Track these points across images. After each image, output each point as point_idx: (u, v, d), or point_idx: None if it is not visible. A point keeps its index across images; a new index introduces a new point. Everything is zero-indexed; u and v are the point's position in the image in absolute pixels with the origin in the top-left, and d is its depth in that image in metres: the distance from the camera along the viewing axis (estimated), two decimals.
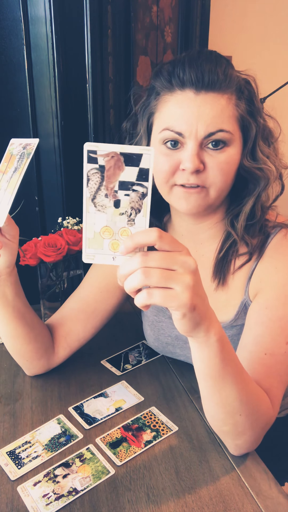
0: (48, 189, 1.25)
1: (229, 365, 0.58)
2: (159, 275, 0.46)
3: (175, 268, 0.47)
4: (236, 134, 0.70)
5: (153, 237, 0.46)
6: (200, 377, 0.61)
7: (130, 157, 0.46)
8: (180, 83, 0.69)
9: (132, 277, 0.46)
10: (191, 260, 0.48)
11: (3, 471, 0.68)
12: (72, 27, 1.11)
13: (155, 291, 0.47)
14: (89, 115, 1.19)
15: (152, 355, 0.97)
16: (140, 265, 0.46)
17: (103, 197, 0.47)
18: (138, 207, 0.47)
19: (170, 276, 0.46)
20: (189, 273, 0.47)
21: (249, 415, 0.62)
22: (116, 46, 1.20)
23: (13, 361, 0.95)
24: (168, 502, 0.62)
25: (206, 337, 0.54)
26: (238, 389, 0.60)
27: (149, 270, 0.46)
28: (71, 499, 0.63)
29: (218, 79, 0.68)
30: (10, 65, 1.13)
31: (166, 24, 1.38)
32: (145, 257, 0.46)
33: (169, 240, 0.47)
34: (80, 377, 0.89)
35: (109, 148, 0.46)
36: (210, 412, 0.65)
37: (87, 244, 0.49)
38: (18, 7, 1.08)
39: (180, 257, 0.47)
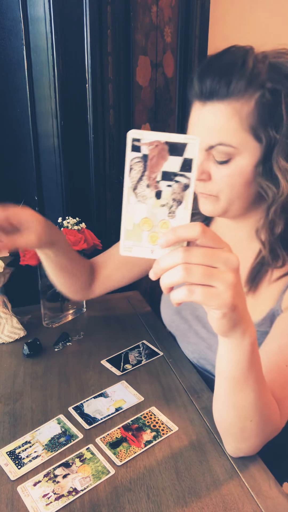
0: (48, 189, 1.25)
1: (254, 371, 0.57)
2: (201, 272, 0.44)
3: (218, 265, 0.45)
4: (246, 146, 0.67)
5: (196, 232, 0.44)
6: (221, 377, 0.60)
7: (175, 146, 0.44)
8: (194, 93, 0.70)
9: (171, 272, 0.45)
10: (233, 257, 0.46)
11: (3, 471, 0.68)
12: (71, 27, 1.11)
13: (197, 289, 0.45)
14: (88, 115, 1.19)
15: (152, 355, 0.97)
16: (181, 260, 0.44)
17: (144, 187, 0.45)
18: (180, 199, 0.45)
19: (213, 273, 0.45)
20: (231, 271, 0.46)
21: (259, 423, 0.61)
22: (115, 46, 1.20)
23: (13, 361, 0.95)
24: (168, 502, 0.62)
25: (241, 339, 0.53)
26: (255, 395, 0.59)
27: (191, 267, 0.44)
28: (71, 499, 0.63)
29: (220, 89, 0.66)
30: (9, 65, 1.13)
31: (166, 24, 1.38)
32: (187, 253, 0.44)
33: (211, 236, 0.45)
34: (80, 377, 0.89)
35: (154, 137, 0.44)
36: (221, 412, 0.64)
37: (125, 236, 0.46)
38: (18, 7, 1.08)
39: (223, 254, 0.46)
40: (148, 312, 1.18)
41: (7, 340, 1.02)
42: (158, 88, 1.43)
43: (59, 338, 1.02)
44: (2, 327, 1.02)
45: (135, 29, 1.25)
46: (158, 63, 1.40)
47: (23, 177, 1.23)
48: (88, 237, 1.06)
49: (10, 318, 1.03)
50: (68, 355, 0.97)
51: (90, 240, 1.06)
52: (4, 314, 1.02)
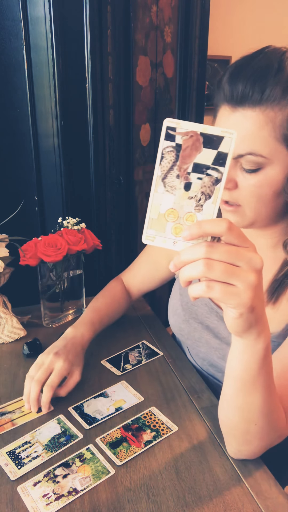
0: (48, 189, 1.26)
1: (264, 375, 0.56)
2: (222, 269, 0.43)
3: (240, 264, 0.44)
4: (278, 156, 0.64)
5: (222, 228, 0.43)
6: (230, 377, 0.59)
7: (210, 138, 0.43)
8: (223, 97, 0.66)
9: (192, 266, 0.44)
10: (257, 258, 0.45)
11: (3, 471, 0.68)
12: (71, 27, 1.11)
13: (216, 285, 0.44)
14: (88, 115, 1.20)
15: (152, 355, 0.97)
16: (204, 255, 0.43)
17: (174, 177, 0.45)
18: (209, 193, 0.44)
19: (234, 272, 0.44)
20: (254, 272, 0.45)
21: (264, 427, 0.61)
22: (115, 46, 1.20)
23: (13, 361, 0.95)
24: (168, 502, 0.62)
25: (255, 341, 0.52)
26: (262, 399, 0.58)
27: (213, 263, 0.43)
28: (71, 499, 0.63)
29: (253, 95, 0.62)
30: (9, 65, 1.13)
31: (166, 24, 1.38)
32: (210, 248, 0.43)
33: (237, 234, 0.44)
34: (80, 377, 0.89)
35: (190, 127, 0.43)
36: (226, 412, 0.64)
37: (148, 225, 0.46)
38: (18, 7, 1.08)
39: (247, 253, 0.45)
40: (148, 312, 1.18)
41: (7, 340, 1.02)
42: (158, 88, 1.43)
43: None
44: (2, 327, 1.02)
45: (135, 29, 1.25)
46: (158, 63, 1.40)
47: (23, 177, 1.24)
48: (88, 237, 1.06)
49: (10, 318, 1.03)
50: None
51: (90, 240, 1.06)
52: (4, 314, 1.02)
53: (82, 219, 1.10)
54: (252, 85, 0.62)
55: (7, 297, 1.06)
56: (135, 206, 1.44)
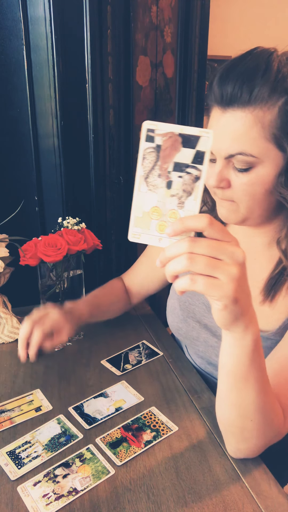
0: (48, 189, 1.25)
1: (256, 369, 0.57)
2: (205, 263, 0.45)
3: (222, 258, 0.46)
4: (268, 155, 0.65)
5: (203, 223, 0.45)
6: (223, 373, 0.60)
7: (188, 138, 0.45)
8: (214, 98, 0.67)
9: (176, 260, 0.46)
10: (239, 251, 0.47)
11: (3, 471, 0.68)
12: (71, 27, 1.11)
13: (199, 278, 0.46)
14: (88, 115, 1.19)
15: (152, 355, 0.97)
16: (187, 249, 0.45)
17: (156, 177, 0.47)
18: (190, 190, 0.46)
19: (216, 265, 0.45)
20: (236, 265, 0.46)
21: (260, 424, 0.61)
22: (115, 46, 1.20)
23: (13, 361, 0.95)
24: (168, 502, 0.62)
25: (243, 334, 0.53)
26: (256, 394, 0.58)
27: (195, 257, 0.45)
28: (71, 499, 0.63)
29: (241, 95, 0.63)
30: (9, 65, 1.13)
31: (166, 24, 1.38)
32: (193, 243, 0.45)
33: (219, 229, 0.46)
34: (80, 377, 0.89)
35: (168, 128, 0.45)
36: (222, 410, 0.64)
37: (134, 223, 0.48)
38: (18, 7, 1.08)
39: (229, 247, 0.46)
40: (148, 312, 1.18)
41: (7, 340, 1.02)
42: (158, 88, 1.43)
43: None
44: (2, 327, 1.02)
45: (135, 29, 1.25)
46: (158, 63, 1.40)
47: (23, 177, 1.23)
48: (88, 237, 1.06)
49: (10, 318, 1.03)
50: (68, 355, 0.97)
51: (90, 240, 1.06)
52: (4, 314, 1.02)
53: (82, 219, 1.10)
54: (241, 86, 0.63)
55: (7, 297, 1.06)
56: None
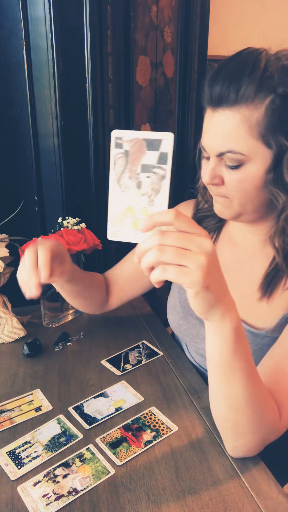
0: (48, 189, 1.26)
1: (241, 359, 0.58)
2: (173, 252, 0.48)
3: (191, 247, 0.49)
4: (257, 152, 0.66)
5: (170, 217, 0.48)
6: (210, 364, 0.61)
7: (152, 142, 0.49)
8: (205, 99, 0.69)
9: (148, 253, 0.49)
10: (207, 241, 0.49)
11: (3, 471, 0.68)
12: (71, 27, 1.11)
13: (169, 267, 0.49)
14: (88, 115, 1.19)
15: (152, 355, 0.97)
16: (157, 242, 0.48)
17: (127, 179, 0.51)
18: (158, 188, 0.50)
19: (185, 254, 0.48)
20: (203, 254, 0.49)
21: (252, 418, 0.61)
22: (115, 46, 1.20)
23: (13, 361, 0.95)
24: (168, 502, 0.62)
25: (220, 322, 0.55)
26: (245, 386, 0.59)
27: (165, 248, 0.48)
28: (71, 499, 0.63)
29: (229, 95, 0.64)
30: (9, 65, 1.13)
31: (166, 24, 1.38)
32: (162, 235, 0.48)
33: (186, 221, 0.49)
34: (80, 377, 0.89)
35: (133, 135, 0.50)
36: (213, 403, 0.65)
37: (111, 223, 0.53)
38: (18, 7, 1.08)
39: (197, 238, 0.49)
40: (148, 312, 1.18)
41: (7, 340, 1.02)
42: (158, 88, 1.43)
43: (59, 338, 1.02)
44: (2, 327, 1.02)
45: (135, 29, 1.25)
46: (158, 63, 1.40)
47: (23, 177, 1.23)
48: (88, 237, 1.06)
49: (10, 318, 1.03)
50: (68, 355, 0.97)
51: (90, 240, 1.06)
52: (4, 314, 1.02)
53: (82, 219, 1.10)
54: (228, 86, 0.65)
55: (7, 297, 1.06)
56: None
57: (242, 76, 0.64)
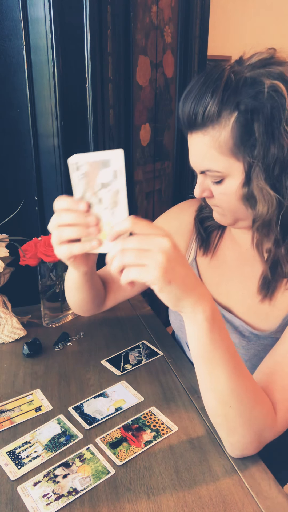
0: (48, 189, 1.26)
1: (220, 349, 0.60)
2: (133, 254, 0.53)
3: (149, 247, 0.53)
4: (232, 168, 0.67)
5: (128, 224, 0.53)
6: (194, 357, 0.63)
7: (104, 161, 0.54)
8: (180, 123, 0.71)
9: (114, 259, 0.54)
10: (164, 240, 0.53)
11: (3, 471, 0.68)
12: (71, 28, 1.11)
13: (132, 268, 0.53)
14: (88, 115, 1.20)
15: (152, 355, 0.97)
16: (120, 248, 0.53)
17: (89, 197, 0.56)
18: (116, 201, 0.55)
19: (143, 254, 0.53)
20: (161, 252, 0.53)
21: (241, 411, 0.62)
22: (115, 46, 1.20)
23: (13, 361, 0.95)
24: (168, 502, 0.62)
25: (193, 313, 0.59)
26: (228, 376, 0.61)
27: (126, 251, 0.53)
28: (71, 499, 0.63)
29: (196, 118, 0.66)
30: (9, 65, 1.13)
31: (166, 24, 1.38)
32: (124, 241, 0.54)
33: (144, 225, 0.54)
34: (80, 377, 0.89)
35: (88, 158, 0.55)
36: (204, 398, 0.66)
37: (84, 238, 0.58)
38: (18, 7, 1.08)
39: (155, 238, 0.53)
40: (148, 312, 1.18)
41: (7, 340, 1.02)
42: (158, 88, 1.43)
43: (59, 338, 1.02)
44: (2, 327, 1.02)
45: (135, 29, 1.25)
46: (158, 63, 1.40)
47: (23, 177, 1.24)
48: None
49: (10, 318, 1.03)
50: (68, 355, 0.97)
51: None
52: (4, 314, 1.02)
53: None
54: (194, 110, 0.66)
55: (7, 297, 1.06)
56: (135, 206, 1.44)
57: (205, 98, 0.64)
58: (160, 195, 1.62)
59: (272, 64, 0.64)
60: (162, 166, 1.57)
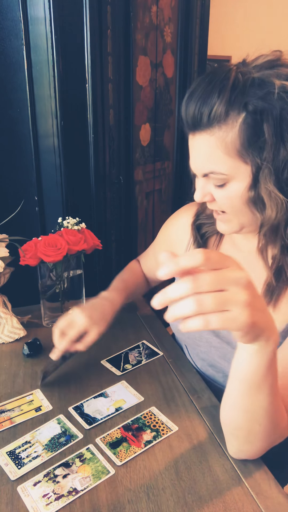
0: (48, 189, 1.26)
1: (271, 376, 0.56)
2: (214, 302, 0.43)
3: (228, 287, 0.44)
4: (238, 171, 0.66)
5: (199, 260, 0.43)
6: (236, 379, 0.58)
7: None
8: (183, 124, 0.70)
9: (182, 305, 0.43)
10: (242, 274, 0.45)
11: (3, 471, 0.68)
12: (71, 27, 1.12)
13: (213, 317, 0.43)
14: (88, 115, 1.20)
15: (152, 355, 0.97)
16: (191, 291, 0.42)
17: None
18: None
19: (225, 298, 0.43)
20: (243, 289, 0.44)
21: (267, 428, 0.61)
22: (115, 46, 1.20)
23: (13, 361, 0.95)
24: (168, 502, 0.62)
25: (265, 346, 0.52)
26: (268, 400, 0.58)
27: (202, 298, 0.42)
28: (71, 499, 0.63)
29: (201, 118, 0.64)
30: (9, 65, 1.13)
31: (166, 24, 1.38)
32: (196, 283, 0.42)
33: (216, 259, 0.44)
34: (80, 377, 0.89)
35: None
36: (229, 414, 0.63)
37: None
38: (18, 7, 1.08)
39: (231, 274, 0.44)
40: (148, 312, 1.18)
41: (7, 340, 1.02)
42: (158, 88, 1.43)
43: None
44: (2, 327, 1.02)
45: (135, 29, 1.25)
46: (158, 63, 1.40)
47: (23, 177, 1.24)
48: (88, 237, 1.06)
49: (10, 318, 1.03)
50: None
51: (90, 240, 1.06)
52: (4, 314, 1.02)
53: (82, 219, 1.10)
54: (200, 110, 0.64)
55: (7, 297, 1.06)
56: (135, 206, 1.44)
57: (212, 97, 0.63)
58: (160, 195, 1.62)
59: (280, 65, 0.63)
60: (162, 166, 1.57)
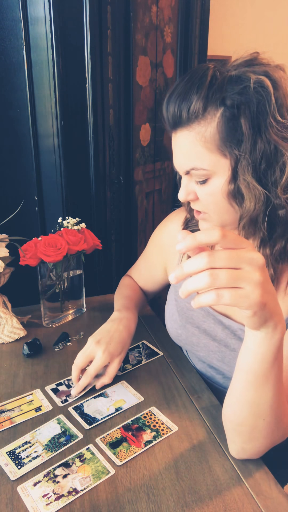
0: (48, 189, 1.26)
1: (277, 367, 0.56)
2: (228, 276, 0.45)
3: (243, 266, 0.46)
4: (218, 165, 0.67)
5: (216, 237, 0.45)
6: (242, 370, 0.59)
7: None
8: (165, 123, 0.71)
9: (197, 278, 0.45)
10: (258, 256, 0.47)
11: (3, 471, 0.68)
12: (71, 28, 1.11)
13: (225, 292, 0.45)
14: (88, 115, 1.19)
15: (152, 355, 0.97)
16: (206, 265, 0.45)
17: None
18: None
19: (239, 275, 0.45)
20: (257, 270, 0.46)
21: (271, 423, 0.61)
22: (115, 46, 1.20)
23: (13, 361, 0.95)
24: (168, 502, 0.62)
25: (272, 333, 0.53)
26: (274, 393, 0.58)
27: (217, 272, 0.44)
28: (71, 499, 0.63)
29: (181, 115, 0.66)
30: (9, 65, 1.13)
31: (166, 24, 1.38)
32: (211, 258, 0.45)
33: (233, 238, 0.46)
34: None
35: None
36: (234, 408, 0.63)
37: None
38: (18, 7, 1.08)
39: (247, 254, 0.46)
40: (148, 312, 1.18)
41: (7, 340, 1.02)
42: (158, 88, 1.43)
43: (59, 338, 1.02)
44: (2, 327, 1.02)
45: (135, 29, 1.25)
46: (158, 63, 1.40)
47: (23, 177, 1.24)
48: (88, 237, 1.06)
49: (10, 318, 1.03)
50: (68, 355, 0.97)
51: (90, 240, 1.06)
52: (4, 314, 1.02)
53: (82, 219, 1.10)
54: (179, 107, 0.66)
55: (7, 297, 1.06)
56: (135, 206, 1.44)
57: (190, 94, 0.64)
58: (160, 195, 1.62)
59: (256, 64, 0.66)
60: (162, 166, 1.57)
